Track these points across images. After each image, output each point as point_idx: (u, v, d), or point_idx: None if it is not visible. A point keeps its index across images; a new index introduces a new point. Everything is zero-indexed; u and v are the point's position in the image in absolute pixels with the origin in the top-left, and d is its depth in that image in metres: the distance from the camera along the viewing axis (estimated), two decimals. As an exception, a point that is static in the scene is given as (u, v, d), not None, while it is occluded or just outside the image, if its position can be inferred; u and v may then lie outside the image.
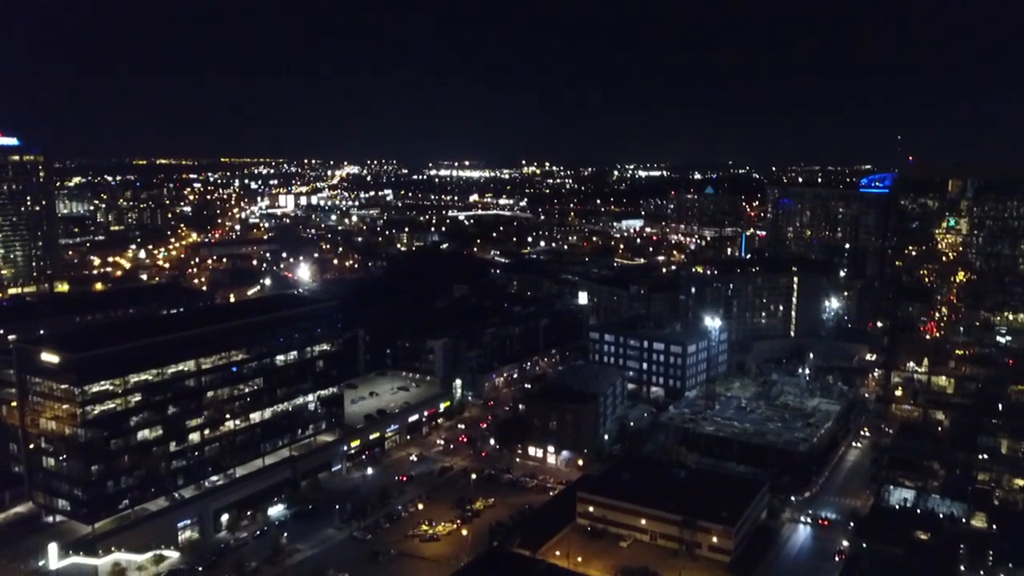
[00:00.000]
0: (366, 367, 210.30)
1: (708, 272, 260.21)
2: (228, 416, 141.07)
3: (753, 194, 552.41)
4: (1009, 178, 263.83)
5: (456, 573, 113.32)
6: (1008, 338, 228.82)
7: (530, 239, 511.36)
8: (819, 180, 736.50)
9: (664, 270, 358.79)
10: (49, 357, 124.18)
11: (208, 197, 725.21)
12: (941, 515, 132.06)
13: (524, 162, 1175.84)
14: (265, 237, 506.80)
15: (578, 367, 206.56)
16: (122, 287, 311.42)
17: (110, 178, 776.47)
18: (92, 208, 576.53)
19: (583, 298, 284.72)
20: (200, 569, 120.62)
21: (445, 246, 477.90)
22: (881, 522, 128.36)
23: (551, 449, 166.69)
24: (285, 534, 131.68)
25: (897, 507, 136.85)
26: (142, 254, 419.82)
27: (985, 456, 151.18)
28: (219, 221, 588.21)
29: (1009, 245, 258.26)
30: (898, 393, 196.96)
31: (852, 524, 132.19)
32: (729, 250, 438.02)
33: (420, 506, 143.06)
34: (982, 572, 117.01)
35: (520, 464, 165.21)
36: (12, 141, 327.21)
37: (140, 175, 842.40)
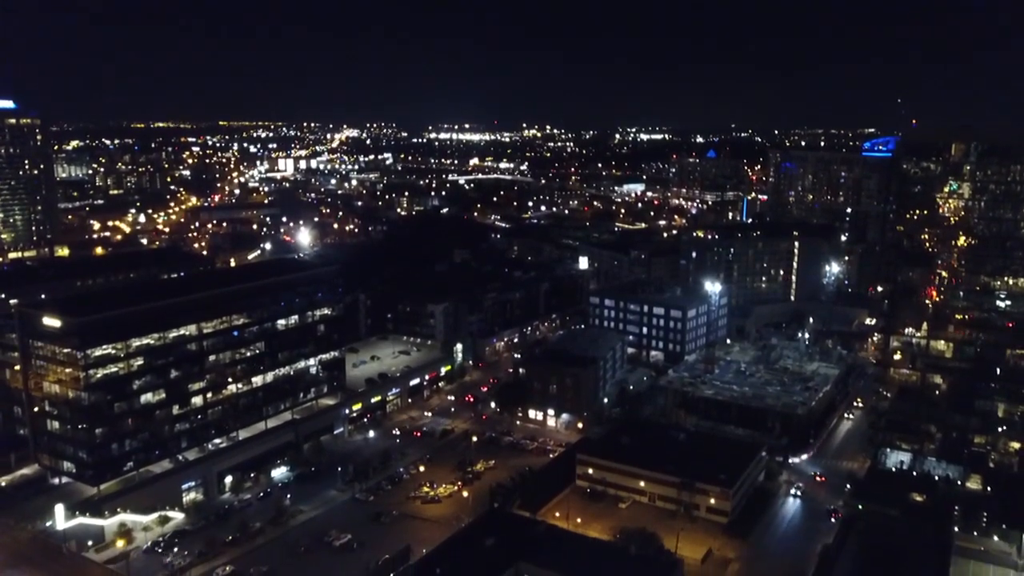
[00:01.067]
0: (367, 331, 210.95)
1: (709, 236, 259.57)
2: (230, 380, 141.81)
3: (755, 158, 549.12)
4: (1013, 142, 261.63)
5: (457, 534, 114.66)
6: (1008, 302, 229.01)
7: (531, 204, 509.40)
8: (822, 144, 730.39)
9: (665, 235, 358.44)
10: (51, 321, 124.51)
11: (207, 161, 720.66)
12: (937, 477, 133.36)
13: (525, 125, 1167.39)
14: (265, 201, 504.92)
15: (578, 332, 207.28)
16: (123, 251, 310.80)
17: (108, 141, 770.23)
18: (90, 172, 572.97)
19: (583, 263, 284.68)
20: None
21: (445, 210, 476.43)
22: (877, 484, 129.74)
23: (551, 412, 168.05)
24: (288, 496, 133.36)
25: (894, 469, 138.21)
26: (142, 218, 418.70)
27: (982, 419, 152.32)
28: (218, 185, 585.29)
29: (1011, 209, 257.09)
30: (897, 357, 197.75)
31: (849, 486, 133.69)
32: (731, 214, 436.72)
33: (421, 468, 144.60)
34: (976, 533, 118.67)
35: (520, 427, 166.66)
36: (8, 104, 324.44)
37: (138, 138, 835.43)
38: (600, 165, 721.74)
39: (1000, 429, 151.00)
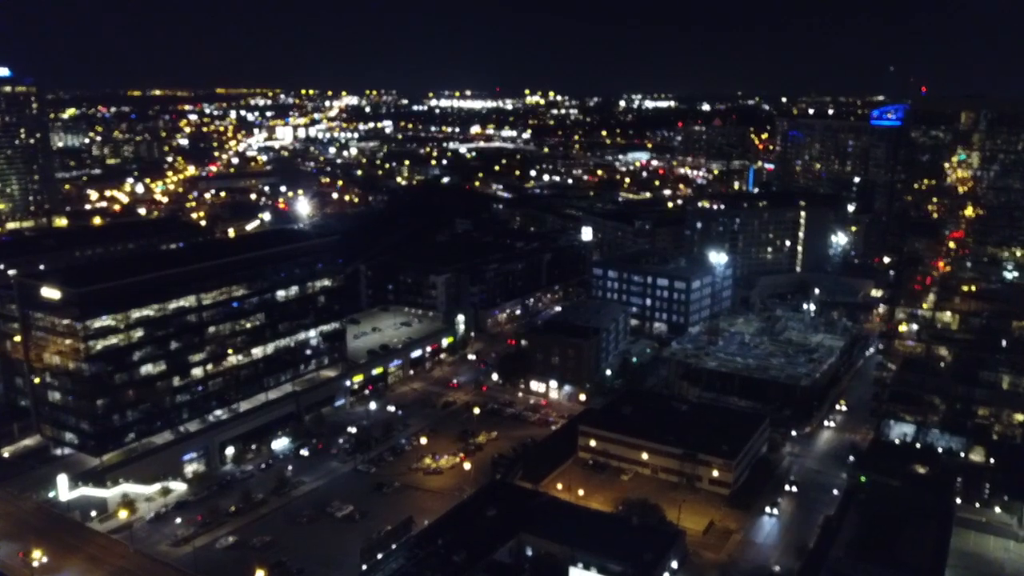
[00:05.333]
0: (368, 302, 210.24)
1: (714, 206, 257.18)
2: (231, 351, 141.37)
3: (762, 126, 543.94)
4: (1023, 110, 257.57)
5: (459, 505, 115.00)
6: (1015, 273, 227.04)
7: (533, 173, 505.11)
8: (830, 112, 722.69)
9: (670, 204, 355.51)
10: (51, 292, 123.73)
11: (204, 129, 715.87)
12: (940, 449, 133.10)
13: (527, 92, 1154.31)
14: (264, 170, 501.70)
15: (581, 303, 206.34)
16: (121, 221, 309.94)
17: (104, 110, 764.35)
18: (87, 141, 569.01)
19: (587, 233, 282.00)
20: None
21: (446, 180, 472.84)
22: (881, 455, 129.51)
23: (553, 383, 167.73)
24: (290, 466, 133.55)
25: (897, 441, 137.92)
26: (140, 188, 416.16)
27: (986, 391, 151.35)
28: (216, 154, 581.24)
29: (1020, 179, 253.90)
30: (902, 328, 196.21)
31: (852, 457, 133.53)
32: (736, 183, 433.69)
33: (423, 439, 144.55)
34: (977, 504, 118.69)
35: (522, 398, 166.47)
36: (3, 71, 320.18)
37: (134, 107, 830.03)
38: (604, 133, 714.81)
39: (1000, 399, 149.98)
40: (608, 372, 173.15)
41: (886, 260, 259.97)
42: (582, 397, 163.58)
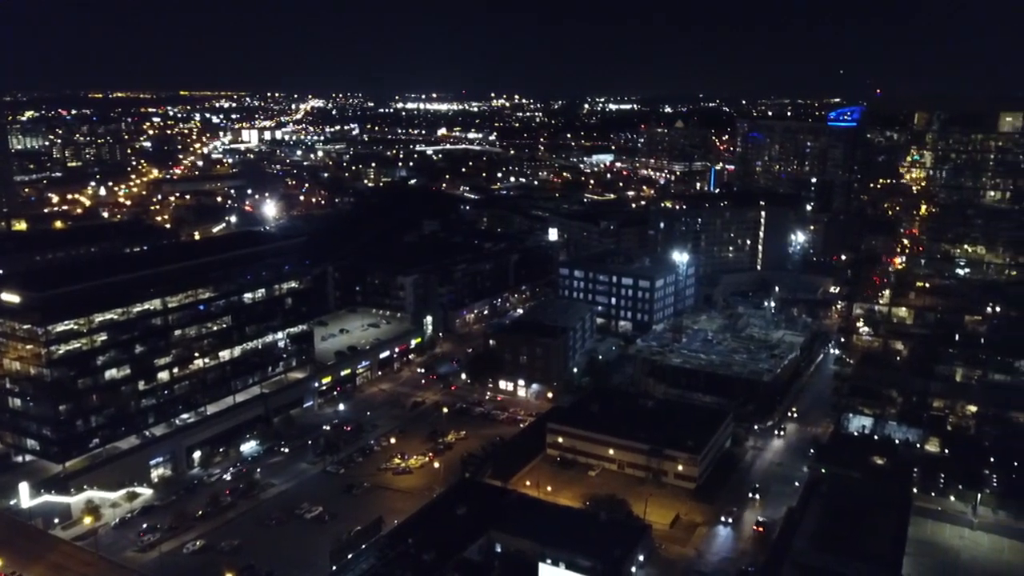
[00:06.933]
0: (336, 304, 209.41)
1: (677, 207, 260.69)
2: (197, 354, 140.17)
3: (723, 128, 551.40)
4: (974, 111, 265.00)
5: (429, 504, 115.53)
6: (967, 270, 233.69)
7: (500, 174, 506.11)
8: (788, 113, 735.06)
9: (634, 205, 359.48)
10: (10, 297, 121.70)
11: (168, 132, 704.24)
12: (897, 441, 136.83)
13: (493, 95, 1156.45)
14: (232, 172, 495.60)
15: (549, 303, 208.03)
16: (83, 225, 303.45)
17: (64, 112, 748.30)
18: (47, 143, 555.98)
19: (553, 234, 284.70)
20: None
21: (413, 181, 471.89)
22: (841, 448, 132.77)
23: (521, 382, 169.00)
24: (259, 469, 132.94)
25: (856, 434, 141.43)
26: (102, 191, 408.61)
27: (941, 384, 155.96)
28: (180, 157, 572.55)
29: (971, 178, 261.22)
30: (860, 324, 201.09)
31: (813, 450, 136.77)
32: (698, 184, 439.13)
33: (392, 440, 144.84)
34: (934, 493, 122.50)
35: (491, 397, 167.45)
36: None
37: (96, 109, 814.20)
38: (569, 135, 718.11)
39: (954, 391, 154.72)
40: (575, 370, 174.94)
41: (844, 258, 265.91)
42: (550, 395, 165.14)
